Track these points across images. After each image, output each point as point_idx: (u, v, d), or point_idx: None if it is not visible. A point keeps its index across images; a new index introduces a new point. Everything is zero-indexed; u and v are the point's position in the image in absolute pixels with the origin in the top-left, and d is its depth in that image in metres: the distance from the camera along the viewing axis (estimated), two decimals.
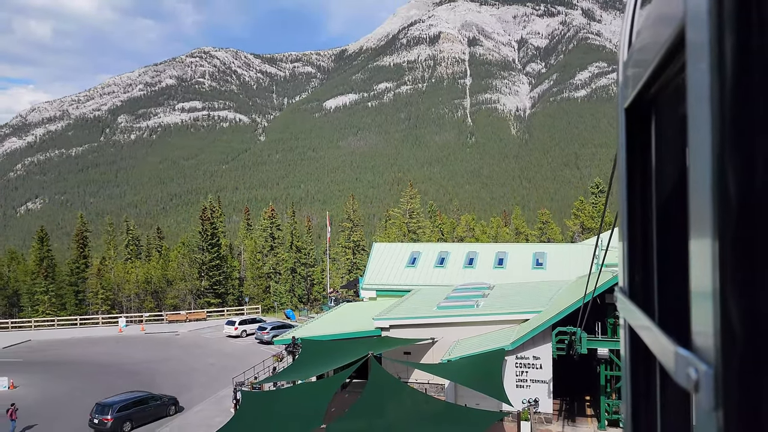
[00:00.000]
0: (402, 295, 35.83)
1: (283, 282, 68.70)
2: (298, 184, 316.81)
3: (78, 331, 55.00)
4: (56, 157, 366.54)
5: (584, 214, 72.24)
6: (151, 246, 79.40)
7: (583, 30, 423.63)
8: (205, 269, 64.05)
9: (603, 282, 21.96)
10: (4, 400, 32.22)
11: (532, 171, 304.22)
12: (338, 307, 39.10)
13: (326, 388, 20.61)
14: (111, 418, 27.57)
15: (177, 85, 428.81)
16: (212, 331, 53.13)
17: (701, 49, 0.77)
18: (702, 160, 0.77)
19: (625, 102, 1.27)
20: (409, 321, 28.36)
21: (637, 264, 1.23)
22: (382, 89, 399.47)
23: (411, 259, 40.19)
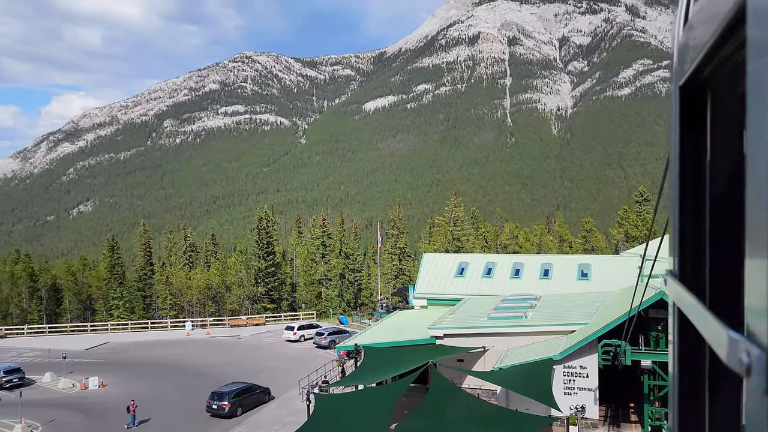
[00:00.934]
0: (451, 304, 36.77)
1: (332, 287, 70.09)
2: (338, 186, 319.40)
3: (150, 334, 57.82)
4: (106, 161, 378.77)
5: (628, 222, 72.11)
6: (208, 252, 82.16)
7: (627, 27, 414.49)
8: (261, 276, 66.69)
9: (648, 297, 22.35)
10: (97, 398, 34.20)
11: (574, 171, 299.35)
12: (392, 314, 40.03)
13: (391, 393, 21.48)
14: (228, 404, 31.19)
15: (220, 90, 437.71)
16: (272, 335, 54.96)
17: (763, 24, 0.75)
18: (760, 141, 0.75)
19: (680, 80, 1.23)
20: (461, 330, 29.31)
21: (688, 247, 1.19)
22: (421, 91, 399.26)
23: (459, 270, 41.18)
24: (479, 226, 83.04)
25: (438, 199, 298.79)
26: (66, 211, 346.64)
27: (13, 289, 63.16)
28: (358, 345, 29.41)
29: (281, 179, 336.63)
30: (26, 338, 55.81)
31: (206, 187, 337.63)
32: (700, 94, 1.20)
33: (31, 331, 58.51)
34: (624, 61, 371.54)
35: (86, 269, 71.55)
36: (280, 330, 55.20)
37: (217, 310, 68.10)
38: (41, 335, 57.31)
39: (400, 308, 55.09)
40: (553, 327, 27.93)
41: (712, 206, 1.12)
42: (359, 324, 57.96)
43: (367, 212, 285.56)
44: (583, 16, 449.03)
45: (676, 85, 1.28)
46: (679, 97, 1.26)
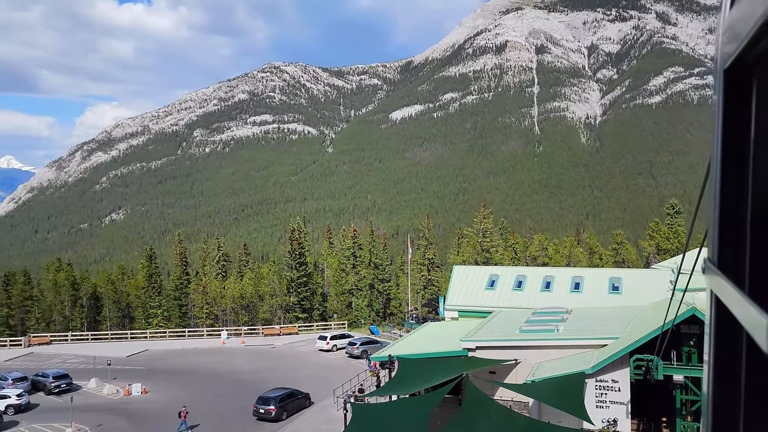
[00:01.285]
0: (482, 316, 37.09)
1: (362, 297, 71.01)
2: (365, 195, 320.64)
3: (187, 342, 59.68)
4: (137, 170, 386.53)
5: (660, 235, 71.57)
6: (240, 262, 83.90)
7: (658, 34, 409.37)
8: (294, 286, 67.84)
9: (681, 312, 22.69)
10: (140, 404, 35.69)
11: (603, 180, 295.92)
12: (424, 326, 40.56)
13: (426, 403, 22.02)
14: (275, 408, 33.05)
15: (249, 100, 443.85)
16: (305, 344, 56.15)
17: None
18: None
19: (725, 63, 1.20)
20: (494, 343, 29.73)
21: (728, 234, 1.18)
22: (448, 99, 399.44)
23: (490, 282, 41.46)
24: (508, 237, 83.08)
25: (465, 209, 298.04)
26: (99, 219, 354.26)
27: (56, 297, 65.34)
28: (392, 356, 30.00)
29: (309, 188, 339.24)
30: (70, 345, 57.88)
31: (235, 195, 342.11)
32: (746, 77, 1.17)
33: (74, 338, 60.58)
34: (654, 69, 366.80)
35: (125, 278, 73.63)
36: (313, 339, 56.40)
37: (250, 319, 69.50)
38: (84, 342, 59.41)
39: (430, 319, 55.71)
40: (585, 341, 28.19)
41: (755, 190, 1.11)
42: (390, 334, 58.71)
43: (393, 221, 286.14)
44: (612, 24, 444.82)
45: (720, 69, 1.23)
46: (724, 81, 1.21)
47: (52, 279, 67.36)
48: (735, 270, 1.15)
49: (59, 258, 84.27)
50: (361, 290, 71.86)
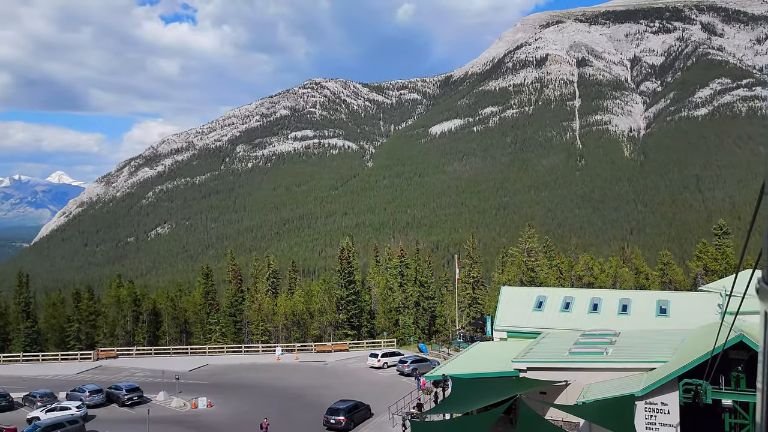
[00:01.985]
0: (530, 337, 37.39)
1: (408, 315, 71.72)
2: (405, 209, 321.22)
3: (243, 358, 61.11)
4: (182, 185, 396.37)
5: (707, 256, 70.59)
6: (291, 280, 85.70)
7: (703, 45, 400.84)
8: (343, 304, 69.29)
9: (730, 338, 22.85)
10: (207, 417, 37.28)
11: (648, 195, 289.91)
12: (473, 346, 40.89)
13: (482, 422, 22.52)
14: (344, 418, 34.70)
15: (290, 116, 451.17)
16: (356, 361, 56.87)
17: None
18: None
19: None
20: (544, 365, 30.23)
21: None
22: (488, 113, 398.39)
23: (537, 303, 41.64)
24: (552, 256, 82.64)
25: (506, 223, 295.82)
26: (145, 233, 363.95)
27: (119, 312, 67.86)
28: (446, 375, 30.55)
29: (349, 202, 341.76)
30: (135, 359, 60.09)
31: (276, 210, 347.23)
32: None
33: (139, 352, 62.97)
34: (700, 81, 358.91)
35: (182, 295, 75.94)
36: (363, 356, 57.28)
37: (301, 335, 70.89)
38: (148, 356, 61.61)
39: (477, 338, 55.80)
40: (634, 364, 28.57)
41: None
42: (438, 352, 59.12)
43: (433, 236, 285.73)
44: (655, 36, 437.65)
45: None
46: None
47: (114, 295, 69.92)
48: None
49: (119, 275, 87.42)
50: (408, 308, 72.67)
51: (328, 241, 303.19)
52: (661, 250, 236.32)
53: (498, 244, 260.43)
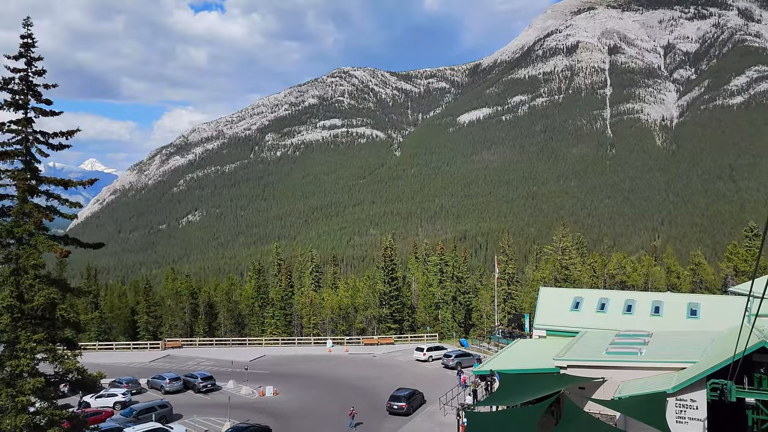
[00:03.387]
0: (567, 335, 39.45)
1: (447, 309, 74.35)
2: (432, 198, 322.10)
3: (298, 349, 64.11)
4: (212, 173, 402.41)
5: (738, 257, 71.27)
6: (335, 274, 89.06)
7: (740, 32, 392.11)
8: (386, 299, 71.94)
9: (751, 344, 24.69)
10: (276, 404, 40.40)
11: (680, 184, 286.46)
12: (514, 342, 42.94)
13: (531, 415, 25.15)
14: (405, 405, 38.27)
15: (318, 104, 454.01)
16: (402, 354, 59.28)
17: None
18: None
19: None
20: (584, 363, 32.31)
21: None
22: (517, 102, 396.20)
23: (574, 304, 43.32)
24: (584, 252, 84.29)
25: (534, 213, 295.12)
26: (176, 221, 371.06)
27: (178, 305, 71.66)
28: (493, 370, 32.95)
29: (377, 191, 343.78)
30: (198, 348, 63.48)
31: (305, 198, 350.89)
32: None
33: (201, 342, 66.55)
34: (736, 69, 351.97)
35: (235, 288, 79.62)
36: (408, 350, 59.84)
37: (347, 328, 74.03)
38: (210, 346, 65.04)
39: (515, 335, 57.96)
40: (666, 363, 30.69)
41: None
42: (479, 347, 61.38)
43: (461, 225, 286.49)
44: (690, 22, 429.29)
45: None
46: None
47: (171, 287, 73.84)
48: None
49: (173, 268, 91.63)
50: (447, 303, 75.33)
51: (356, 230, 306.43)
52: (693, 243, 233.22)
53: (526, 234, 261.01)
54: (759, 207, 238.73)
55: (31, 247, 21.69)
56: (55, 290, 22.09)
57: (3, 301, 21.46)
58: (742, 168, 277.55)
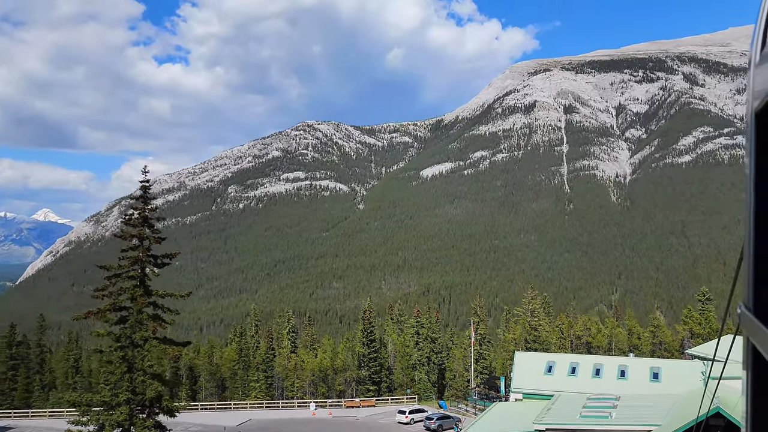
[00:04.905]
0: (542, 398, 41.62)
1: (423, 371, 75.24)
2: (396, 252, 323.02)
3: (282, 412, 64.47)
4: (173, 225, 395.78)
5: (693, 321, 76.31)
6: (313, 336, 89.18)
7: (686, 95, 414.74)
8: (365, 361, 73.42)
9: (709, 409, 26.22)
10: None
11: (635, 239, 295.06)
12: (494, 406, 44.17)
13: None
14: None
15: (282, 157, 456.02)
16: (384, 416, 60.38)
17: None
18: None
19: (757, 105, 1.23)
20: (560, 426, 34.37)
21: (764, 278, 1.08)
22: (478, 157, 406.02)
23: (548, 368, 45.84)
24: (551, 313, 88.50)
25: (496, 266, 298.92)
26: None
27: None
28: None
29: (340, 244, 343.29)
30: (183, 413, 62.36)
31: (268, 251, 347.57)
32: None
33: (187, 408, 65.42)
34: (683, 129, 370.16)
35: (215, 351, 78.71)
36: (389, 411, 60.91)
37: (327, 390, 74.03)
38: (195, 411, 64.39)
39: (491, 396, 59.26)
40: (633, 427, 33.14)
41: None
42: (457, 409, 62.17)
43: (425, 278, 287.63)
44: (639, 85, 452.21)
45: (752, 111, 1.26)
46: (755, 124, 1.24)
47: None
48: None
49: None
50: (423, 365, 77.02)
51: (319, 283, 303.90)
52: (649, 297, 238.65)
53: (489, 287, 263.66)
54: (710, 262, 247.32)
55: (145, 350, 26.35)
56: (159, 384, 26.57)
57: (121, 395, 25.46)
58: (693, 224, 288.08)
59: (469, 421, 52.43)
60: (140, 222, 28.62)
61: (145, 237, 28.34)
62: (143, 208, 28.74)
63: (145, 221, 28.45)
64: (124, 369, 26.08)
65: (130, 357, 26.22)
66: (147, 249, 28.14)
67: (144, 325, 26.39)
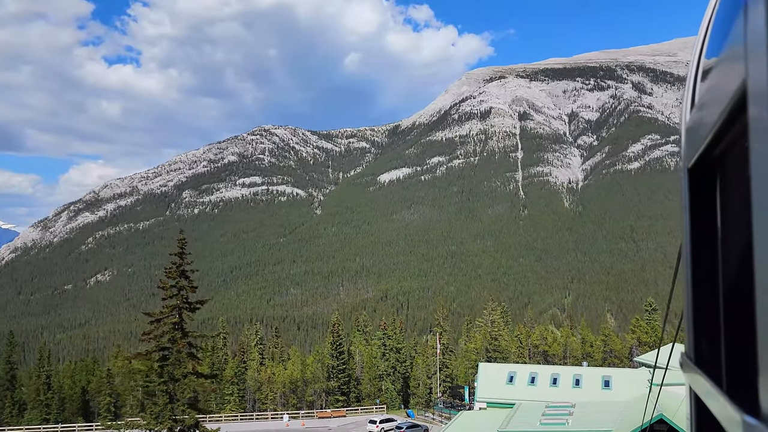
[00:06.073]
0: (504, 406, 43.90)
1: (390, 381, 76.86)
2: (353, 257, 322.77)
3: (257, 424, 65.71)
4: (125, 231, 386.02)
5: (640, 330, 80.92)
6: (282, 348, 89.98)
7: (635, 103, 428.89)
8: (334, 372, 76.30)
9: (653, 416, 28.52)
10: None
11: (587, 244, 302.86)
12: (460, 414, 46.12)
13: None
14: None
15: (238, 162, 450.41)
16: (355, 426, 62.01)
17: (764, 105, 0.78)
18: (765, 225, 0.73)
19: (689, 162, 1.32)
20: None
21: (703, 330, 1.23)
22: (435, 163, 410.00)
23: (509, 378, 48.90)
24: (509, 321, 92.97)
25: (453, 272, 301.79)
26: (84, 281, 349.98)
27: (130, 383, 69.76)
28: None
29: (297, 250, 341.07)
30: None
31: (224, 257, 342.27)
32: (710, 176, 1.24)
33: None
34: (632, 136, 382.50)
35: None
36: (360, 421, 62.85)
37: (298, 401, 76.02)
38: None
39: (456, 405, 61.07)
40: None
41: (725, 287, 1.10)
42: (424, 417, 64.22)
43: (382, 284, 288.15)
44: (591, 93, 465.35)
45: (685, 167, 1.34)
46: (689, 179, 1.33)
47: (122, 367, 72.24)
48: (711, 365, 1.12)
49: (119, 345, 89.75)
50: (390, 375, 79.75)
51: (276, 290, 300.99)
52: (600, 300, 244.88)
53: (446, 292, 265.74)
54: (657, 265, 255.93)
55: (184, 384, 31.77)
56: (196, 413, 32.42)
57: (164, 423, 30.47)
58: (641, 229, 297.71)
59: (435, 428, 54.34)
60: (178, 274, 34.73)
61: (182, 287, 34.43)
62: (180, 262, 35.07)
63: (182, 273, 34.67)
64: (166, 400, 31.51)
65: (171, 390, 31.70)
66: (185, 298, 34.07)
67: (182, 363, 31.87)
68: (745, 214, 1.00)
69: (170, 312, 33.60)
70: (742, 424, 0.87)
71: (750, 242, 0.99)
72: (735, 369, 1.09)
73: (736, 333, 1.13)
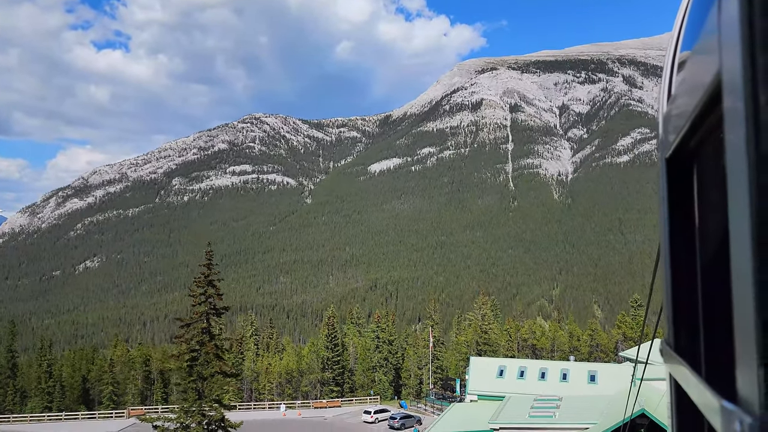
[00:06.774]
0: (495, 399, 45.45)
1: (383, 372, 78.47)
2: (343, 247, 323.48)
3: (255, 414, 67.38)
4: (114, 217, 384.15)
5: (626, 325, 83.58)
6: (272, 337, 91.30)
7: (625, 96, 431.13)
8: (329, 364, 78.46)
9: (635, 411, 30.00)
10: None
11: (575, 236, 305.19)
12: (452, 406, 47.63)
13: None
14: None
15: (229, 150, 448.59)
16: (350, 416, 63.93)
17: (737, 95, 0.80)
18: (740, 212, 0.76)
19: (666, 152, 1.31)
20: (512, 425, 38.67)
21: (682, 317, 1.28)
22: (426, 154, 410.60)
23: (499, 371, 50.53)
24: (499, 315, 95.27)
25: (443, 262, 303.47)
26: (72, 267, 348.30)
27: (130, 372, 71.26)
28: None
29: (287, 239, 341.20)
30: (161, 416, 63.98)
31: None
32: (687, 165, 1.27)
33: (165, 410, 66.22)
34: (622, 130, 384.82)
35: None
36: (355, 411, 65.03)
37: (294, 391, 78.46)
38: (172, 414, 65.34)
39: (448, 397, 62.86)
40: (574, 424, 37.38)
41: (704, 274, 1.12)
42: (416, 408, 65.96)
43: (372, 273, 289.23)
44: (582, 86, 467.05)
45: (662, 158, 1.35)
46: (666, 169, 1.32)
47: (122, 355, 73.68)
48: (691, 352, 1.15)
49: (117, 335, 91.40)
50: (383, 366, 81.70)
51: (266, 278, 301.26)
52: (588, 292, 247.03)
53: (435, 282, 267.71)
54: (645, 258, 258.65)
55: (212, 382, 35.48)
56: (222, 408, 35.93)
57: (194, 418, 34.18)
58: (629, 222, 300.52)
59: (428, 419, 55.90)
60: (206, 283, 38.46)
61: (210, 295, 38.26)
62: (208, 272, 38.76)
63: (210, 283, 38.46)
64: (195, 397, 35.13)
65: (200, 388, 35.47)
66: (212, 305, 38.04)
67: (210, 363, 35.79)
68: (722, 203, 1.03)
69: (199, 318, 37.42)
70: (721, 409, 0.87)
71: (726, 231, 1.01)
72: (713, 356, 1.13)
73: (715, 321, 1.16)
